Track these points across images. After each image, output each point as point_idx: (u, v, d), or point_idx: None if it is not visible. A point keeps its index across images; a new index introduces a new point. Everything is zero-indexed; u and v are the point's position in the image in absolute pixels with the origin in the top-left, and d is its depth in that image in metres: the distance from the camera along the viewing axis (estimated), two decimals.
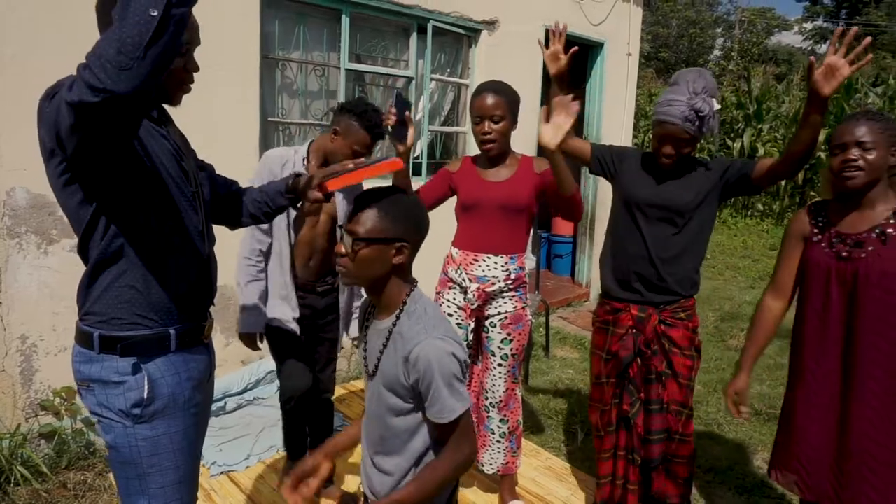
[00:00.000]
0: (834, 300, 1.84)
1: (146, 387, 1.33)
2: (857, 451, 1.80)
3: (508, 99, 2.29)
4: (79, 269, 1.25)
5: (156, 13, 0.99)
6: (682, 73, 2.15)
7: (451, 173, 2.46)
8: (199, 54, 1.38)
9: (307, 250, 2.38)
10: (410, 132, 1.94)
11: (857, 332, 1.80)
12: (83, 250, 1.33)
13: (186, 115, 1.48)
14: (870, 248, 1.78)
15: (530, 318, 2.50)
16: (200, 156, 1.59)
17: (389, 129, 1.93)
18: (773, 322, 2.05)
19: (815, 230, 1.93)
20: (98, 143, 1.14)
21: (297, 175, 1.63)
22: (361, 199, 1.29)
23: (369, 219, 1.26)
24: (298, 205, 1.78)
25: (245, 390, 3.38)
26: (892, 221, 1.78)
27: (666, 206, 2.18)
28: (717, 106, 2.07)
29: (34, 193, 2.64)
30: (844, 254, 1.82)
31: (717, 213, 10.48)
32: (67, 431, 2.81)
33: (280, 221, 2.30)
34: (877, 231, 1.78)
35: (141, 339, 1.34)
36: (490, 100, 2.27)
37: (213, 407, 2.55)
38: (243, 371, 3.41)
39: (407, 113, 1.93)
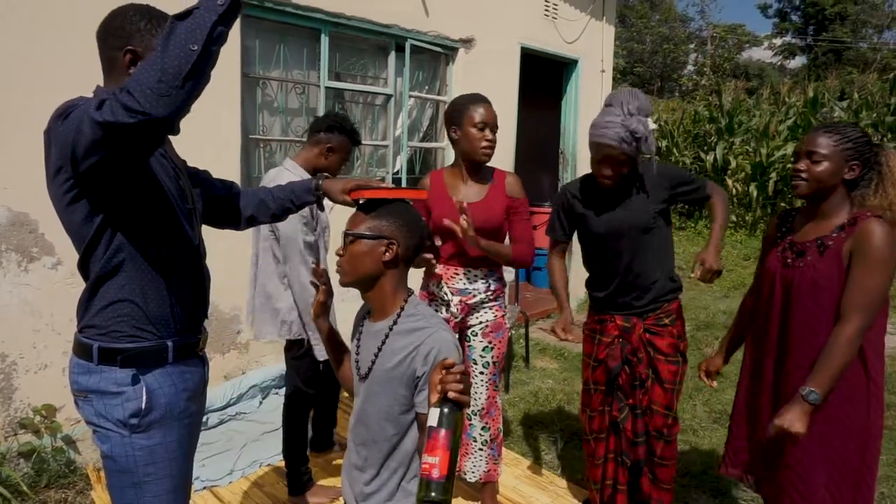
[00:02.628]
0: (775, 303, 1.93)
1: (144, 397, 1.37)
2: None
3: None
4: (59, 286, 1.28)
5: (195, 48, 1.08)
6: (615, 93, 2.16)
7: (425, 200, 2.47)
8: None
9: None
10: None
11: (789, 334, 1.89)
12: (84, 266, 1.37)
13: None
14: (808, 258, 1.84)
15: (509, 326, 2.56)
16: None
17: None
18: (746, 314, 2.19)
19: (778, 235, 1.99)
20: (116, 160, 1.19)
21: (326, 177, 1.69)
22: (362, 206, 1.40)
23: (363, 219, 1.37)
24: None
25: (227, 405, 3.39)
26: (834, 234, 1.81)
27: (620, 230, 2.24)
28: (652, 126, 2.09)
29: (15, 211, 2.65)
30: (789, 261, 1.89)
31: (693, 225, 10.51)
32: (47, 450, 2.80)
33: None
34: (819, 242, 1.83)
35: (140, 351, 1.37)
36: (492, 109, 2.35)
37: None
38: (225, 386, 3.42)
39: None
